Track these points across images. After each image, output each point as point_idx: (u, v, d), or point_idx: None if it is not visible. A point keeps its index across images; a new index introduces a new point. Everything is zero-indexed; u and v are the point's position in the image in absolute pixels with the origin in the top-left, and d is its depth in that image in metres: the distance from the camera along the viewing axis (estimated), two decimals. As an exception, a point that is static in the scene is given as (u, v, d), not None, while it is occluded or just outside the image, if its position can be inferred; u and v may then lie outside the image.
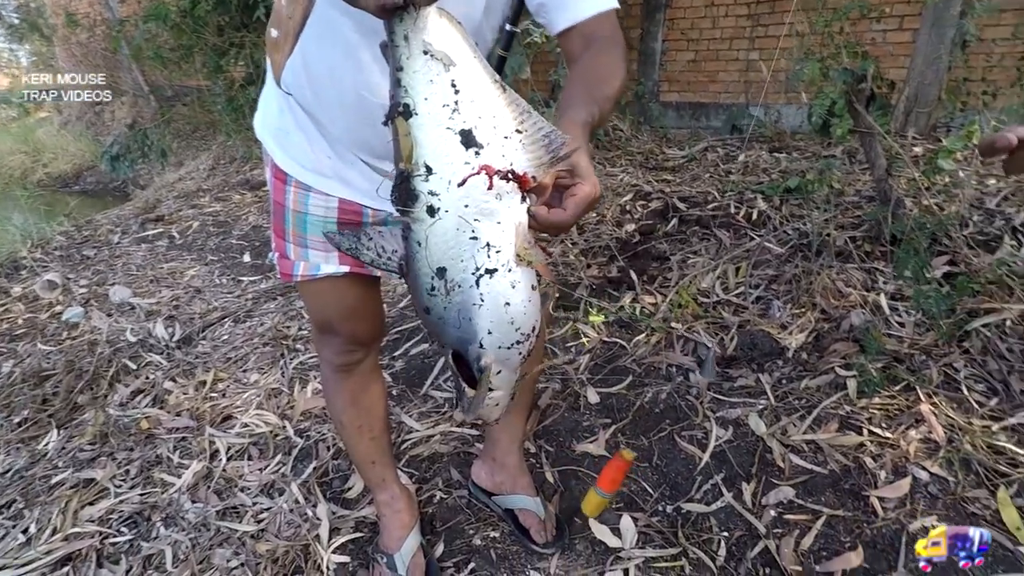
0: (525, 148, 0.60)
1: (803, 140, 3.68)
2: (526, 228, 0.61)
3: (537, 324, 0.67)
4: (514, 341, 0.65)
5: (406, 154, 0.59)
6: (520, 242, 0.61)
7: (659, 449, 1.51)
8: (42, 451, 1.81)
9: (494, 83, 0.60)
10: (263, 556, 1.33)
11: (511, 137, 0.60)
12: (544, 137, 0.60)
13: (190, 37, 5.89)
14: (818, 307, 1.87)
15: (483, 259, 0.61)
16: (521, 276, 0.63)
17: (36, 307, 2.99)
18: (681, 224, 2.52)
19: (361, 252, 0.68)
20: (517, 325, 0.64)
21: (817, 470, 1.37)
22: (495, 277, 0.61)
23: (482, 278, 0.61)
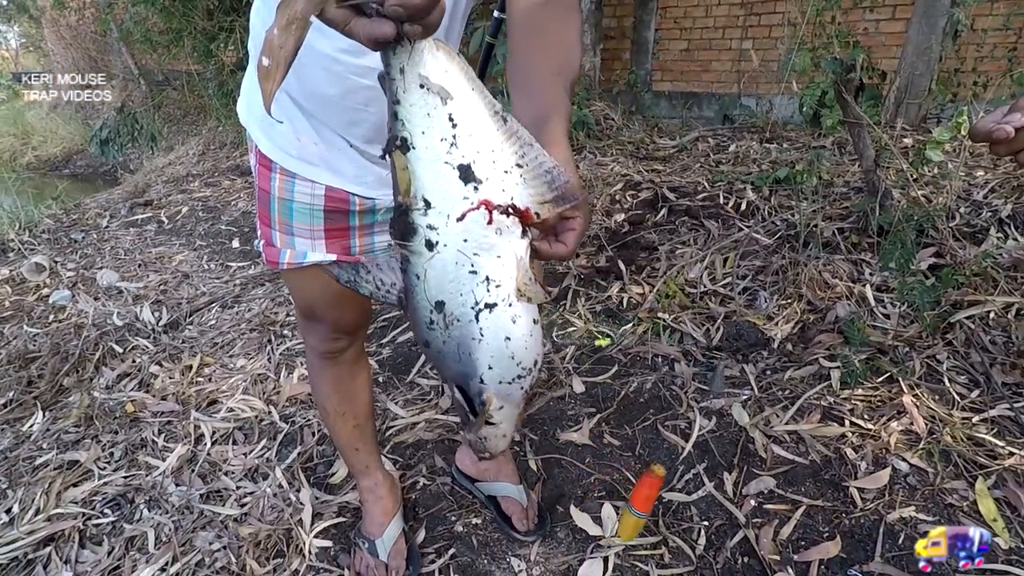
0: (526, 183, 0.59)
1: (794, 131, 3.68)
2: (527, 263, 0.61)
3: (539, 358, 0.66)
4: (515, 376, 0.65)
5: (404, 188, 0.58)
6: (521, 277, 0.60)
7: (642, 439, 1.52)
8: (27, 432, 1.80)
9: (494, 115, 0.59)
10: (246, 539, 1.33)
11: (511, 172, 0.59)
12: (546, 173, 0.59)
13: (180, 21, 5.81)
14: (804, 298, 1.88)
15: (482, 293, 0.60)
16: (522, 311, 0.62)
17: (23, 289, 2.96)
18: (670, 214, 2.51)
19: (360, 285, 0.67)
20: (518, 360, 0.64)
21: (798, 460, 1.38)
22: (495, 312, 0.60)
23: (481, 312, 0.60)
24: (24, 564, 1.37)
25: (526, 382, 0.66)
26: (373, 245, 1.06)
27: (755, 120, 3.91)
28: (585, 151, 3.47)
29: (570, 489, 1.40)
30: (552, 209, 0.60)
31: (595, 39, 4.59)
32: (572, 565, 1.22)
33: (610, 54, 5.12)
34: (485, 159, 0.58)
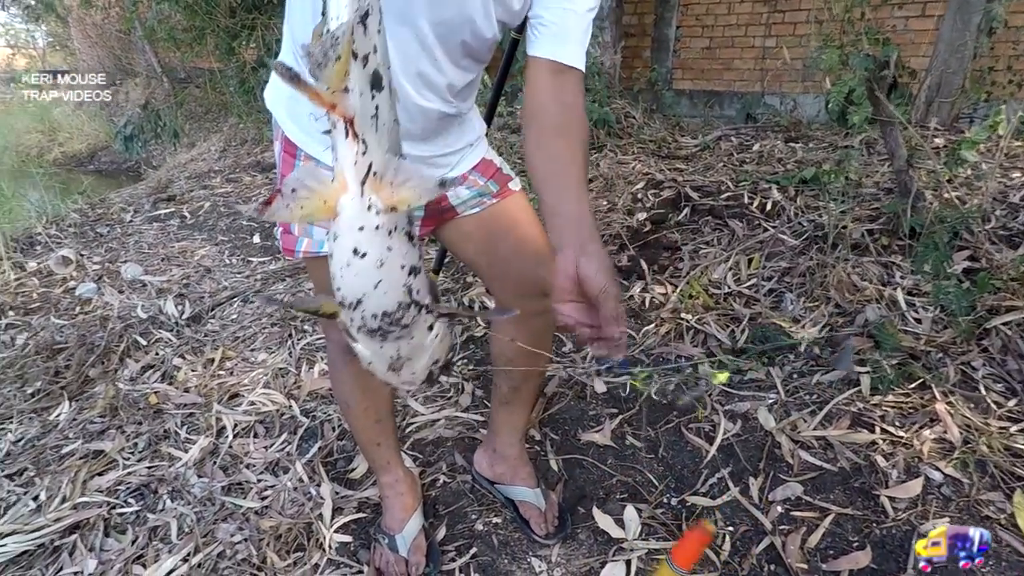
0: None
1: (820, 130, 3.61)
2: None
3: (361, 299, 0.62)
4: (339, 302, 0.64)
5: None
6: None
7: (665, 441, 1.49)
8: (54, 422, 1.83)
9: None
10: (266, 532, 1.34)
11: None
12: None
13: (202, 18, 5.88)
14: (832, 301, 1.84)
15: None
16: (336, 240, 0.61)
17: (50, 282, 3.01)
18: (693, 214, 2.48)
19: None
20: (336, 286, 0.62)
21: (827, 467, 1.35)
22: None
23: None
24: (50, 551, 1.38)
25: (349, 315, 0.63)
26: None
27: (779, 119, 3.85)
28: (606, 149, 3.44)
29: (591, 490, 1.39)
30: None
31: (615, 37, 4.55)
32: (594, 567, 1.20)
33: (630, 52, 5.08)
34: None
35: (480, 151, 1.09)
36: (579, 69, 0.86)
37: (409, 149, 0.96)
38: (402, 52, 0.86)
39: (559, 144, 0.82)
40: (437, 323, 0.68)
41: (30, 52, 15.85)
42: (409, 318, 0.63)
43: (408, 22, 0.84)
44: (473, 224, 1.09)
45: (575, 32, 0.85)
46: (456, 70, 0.91)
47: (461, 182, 1.05)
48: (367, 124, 0.55)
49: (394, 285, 0.60)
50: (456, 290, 2.32)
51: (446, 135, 1.00)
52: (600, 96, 3.57)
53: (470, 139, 1.06)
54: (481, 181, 1.07)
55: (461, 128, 1.03)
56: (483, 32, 0.87)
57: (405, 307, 0.62)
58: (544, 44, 0.85)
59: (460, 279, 2.39)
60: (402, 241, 0.59)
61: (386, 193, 0.57)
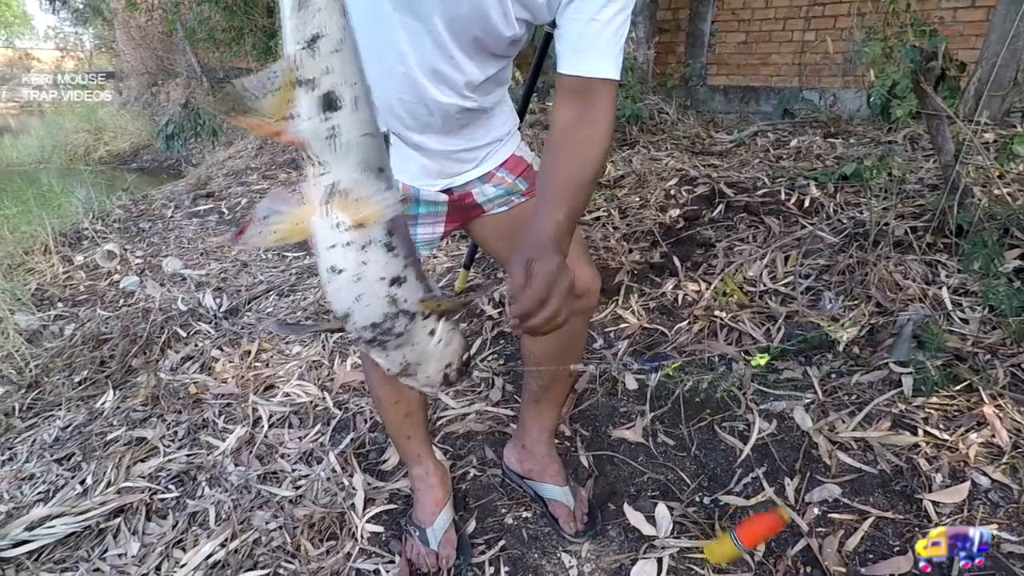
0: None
1: (861, 125, 3.51)
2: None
3: (350, 312, 0.64)
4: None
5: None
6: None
7: (698, 439, 1.47)
8: (99, 409, 1.90)
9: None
10: (301, 520, 1.36)
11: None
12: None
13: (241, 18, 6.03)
14: (873, 300, 1.78)
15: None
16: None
17: (96, 275, 3.13)
18: (728, 210, 2.43)
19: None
20: (330, 300, 0.64)
21: (866, 469, 1.31)
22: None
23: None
24: (96, 533, 1.44)
25: (345, 325, 0.65)
26: (415, 236, 1.07)
27: (818, 114, 3.75)
28: (638, 145, 3.40)
29: (622, 487, 1.37)
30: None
31: (649, 32, 4.49)
32: (624, 564, 1.20)
33: (664, 47, 5.01)
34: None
35: (510, 147, 1.07)
36: (602, 78, 0.83)
37: (432, 143, 0.97)
38: (417, 48, 0.86)
39: (553, 159, 0.84)
40: (440, 327, 0.68)
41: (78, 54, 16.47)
42: (401, 327, 0.64)
43: (421, 18, 0.84)
44: (502, 222, 1.09)
45: (598, 40, 0.82)
46: (473, 66, 0.90)
47: (487, 180, 1.05)
48: (322, 146, 0.56)
49: (375, 297, 0.61)
50: (488, 286, 2.32)
51: (472, 129, 1.00)
52: (633, 92, 3.54)
53: (499, 134, 1.04)
54: (509, 179, 1.06)
55: (489, 123, 1.02)
56: (499, 29, 0.86)
57: (392, 317, 0.63)
58: (563, 58, 0.84)
59: (492, 274, 2.39)
60: (379, 254, 0.60)
61: (352, 210, 0.58)
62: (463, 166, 1.02)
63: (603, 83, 0.84)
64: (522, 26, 0.88)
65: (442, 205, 1.05)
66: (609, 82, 0.84)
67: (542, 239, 0.75)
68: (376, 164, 0.59)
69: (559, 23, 0.85)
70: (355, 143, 0.57)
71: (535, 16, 0.87)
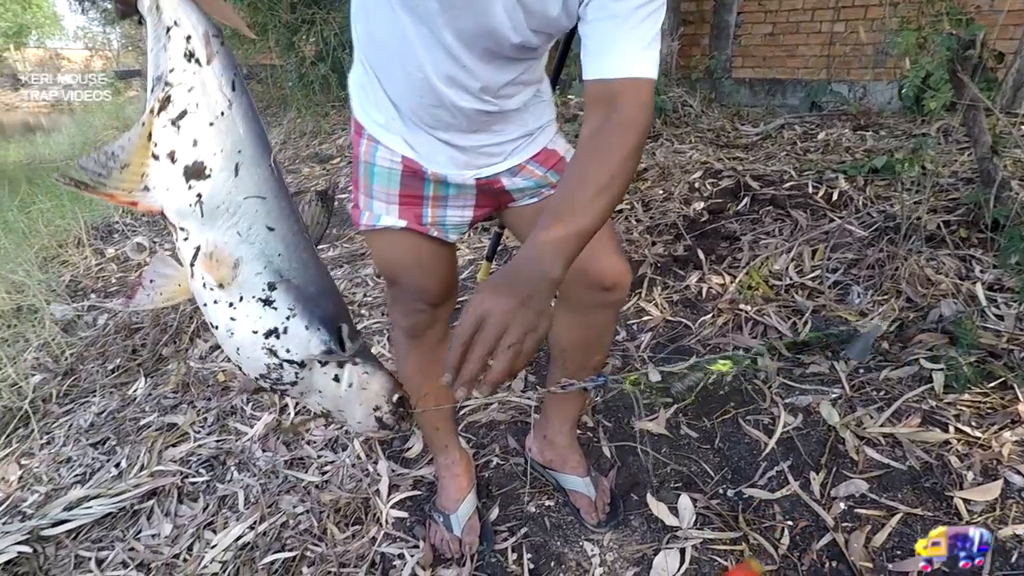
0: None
1: (891, 118, 3.43)
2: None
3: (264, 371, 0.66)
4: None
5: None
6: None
7: (722, 432, 1.46)
8: (132, 396, 1.95)
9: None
10: (327, 505, 1.39)
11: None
12: None
13: (265, 15, 6.10)
14: (903, 295, 1.75)
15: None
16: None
17: (126, 267, 3.22)
18: (753, 203, 2.40)
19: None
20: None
21: (895, 465, 1.29)
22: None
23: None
24: (130, 514, 1.48)
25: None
26: (445, 218, 1.07)
27: (847, 107, 3.68)
28: (662, 138, 3.37)
29: (645, 478, 1.37)
30: None
31: (673, 24, 4.44)
32: (647, 554, 1.20)
33: (688, 40, 4.95)
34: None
35: (542, 140, 1.06)
36: (623, 78, 0.76)
37: (457, 140, 0.98)
38: (432, 57, 0.87)
39: (565, 171, 0.80)
40: (346, 372, 0.66)
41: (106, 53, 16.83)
42: (291, 375, 0.64)
43: (433, 31, 0.84)
44: (532, 212, 1.08)
45: (617, 37, 0.76)
46: (489, 72, 0.89)
47: (517, 172, 1.05)
48: (186, 212, 0.58)
49: (251, 351, 0.62)
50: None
51: (502, 125, 0.99)
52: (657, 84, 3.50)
53: (530, 128, 1.03)
54: (539, 172, 1.06)
55: (519, 118, 1.01)
56: (510, 41, 0.84)
57: (276, 367, 0.63)
58: (585, 66, 0.80)
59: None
60: (252, 309, 0.61)
61: (214, 271, 0.60)
62: (491, 159, 1.02)
63: (626, 83, 0.76)
64: (540, 37, 0.85)
65: (470, 188, 1.05)
66: (633, 81, 0.76)
67: (518, 265, 0.68)
68: (265, 223, 0.61)
69: (580, 30, 0.81)
70: (230, 207, 0.59)
71: (552, 27, 0.84)
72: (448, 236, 1.09)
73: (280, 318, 0.62)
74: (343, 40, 5.77)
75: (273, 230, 0.62)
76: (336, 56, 5.84)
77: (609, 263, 1.03)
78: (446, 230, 1.08)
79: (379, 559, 1.27)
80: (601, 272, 1.03)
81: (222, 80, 0.59)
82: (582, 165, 0.76)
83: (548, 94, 1.07)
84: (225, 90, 0.60)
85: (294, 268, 0.63)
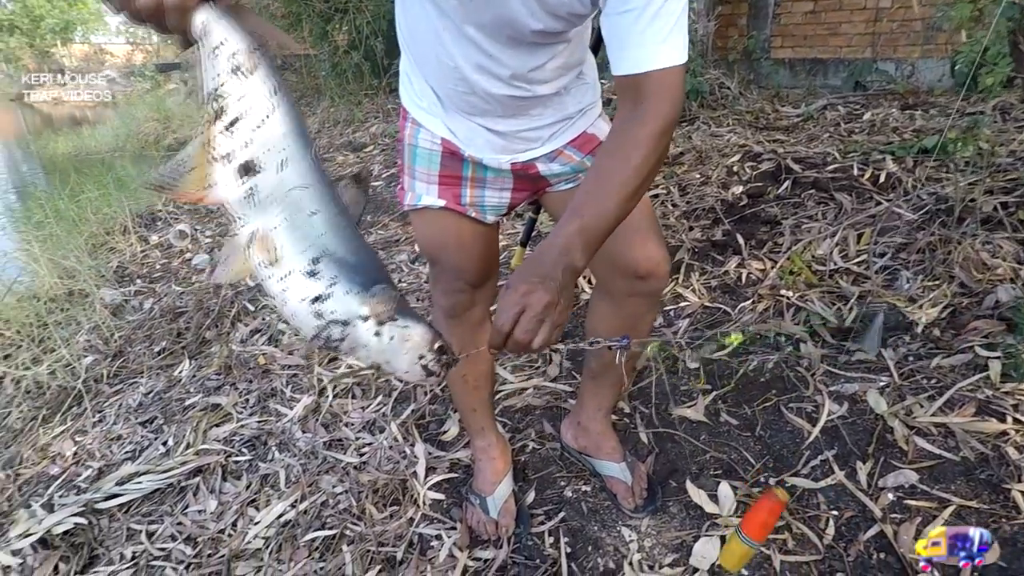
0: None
1: (943, 96, 3.28)
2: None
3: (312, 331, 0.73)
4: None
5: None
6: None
7: (763, 419, 1.43)
8: (177, 377, 2.02)
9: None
10: (365, 485, 1.41)
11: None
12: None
13: (299, 4, 6.15)
14: (956, 280, 1.67)
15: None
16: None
17: (170, 254, 3.31)
18: (795, 187, 2.33)
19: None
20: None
21: (947, 456, 1.24)
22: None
23: None
24: (178, 490, 1.54)
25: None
26: (483, 199, 1.08)
27: (894, 86, 3.53)
28: (698, 121, 3.29)
29: (683, 465, 1.35)
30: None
31: (709, 4, 4.32)
32: (686, 541, 1.18)
33: (725, 19, 4.80)
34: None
35: (582, 124, 1.05)
36: (646, 71, 0.76)
37: (493, 125, 0.99)
38: (460, 47, 0.89)
39: (592, 165, 0.82)
40: (386, 328, 0.73)
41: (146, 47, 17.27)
42: (338, 333, 0.72)
43: (456, 23, 0.86)
44: (569, 197, 1.07)
45: (637, 30, 0.75)
46: (516, 59, 0.89)
47: (554, 157, 1.04)
48: (241, 203, 0.68)
49: (301, 315, 0.71)
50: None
51: (540, 110, 0.99)
52: (693, 66, 3.42)
53: (569, 112, 1.02)
54: (577, 157, 1.05)
55: (559, 102, 1.00)
56: (530, 26, 0.83)
57: (324, 328, 0.72)
58: (611, 60, 0.79)
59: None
60: (299, 282, 0.70)
61: (265, 252, 0.69)
62: (529, 144, 1.02)
63: (649, 77, 0.76)
64: (560, 22, 0.84)
65: (506, 173, 1.05)
66: (655, 73, 0.76)
67: (541, 256, 0.74)
68: (309, 208, 0.70)
69: (601, 23, 0.80)
70: (278, 197, 0.68)
71: (569, 11, 0.82)
72: (486, 217, 1.09)
73: (324, 286, 0.71)
74: (376, 28, 5.79)
75: (316, 213, 0.70)
76: (369, 44, 5.87)
77: (645, 251, 1.01)
78: (484, 211, 1.08)
79: (416, 539, 1.29)
80: (636, 260, 1.01)
81: (266, 87, 0.67)
82: (607, 159, 0.79)
83: (592, 76, 1.05)
84: (269, 96, 0.67)
85: (335, 243, 0.71)
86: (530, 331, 0.70)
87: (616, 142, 0.79)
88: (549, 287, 0.71)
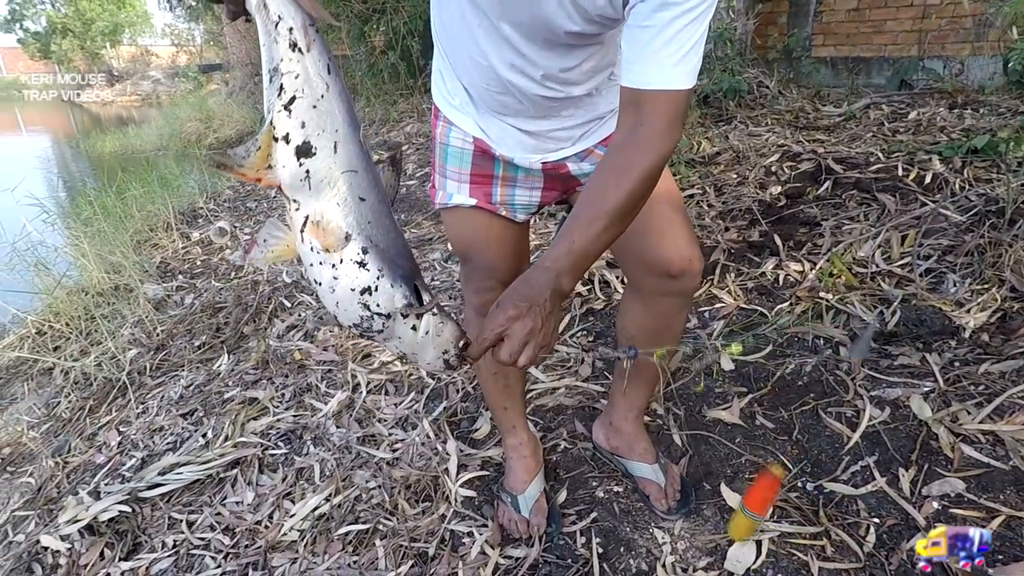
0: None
1: (993, 95, 3.15)
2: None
3: (356, 320, 0.75)
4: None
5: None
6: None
7: (800, 424, 1.40)
8: (216, 371, 2.07)
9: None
10: (398, 481, 1.43)
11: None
12: None
13: (337, 5, 6.26)
14: (1007, 284, 1.61)
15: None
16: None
17: (210, 250, 3.41)
18: (836, 187, 2.27)
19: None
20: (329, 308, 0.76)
21: (996, 464, 1.20)
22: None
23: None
24: (216, 481, 1.58)
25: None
26: (514, 198, 1.09)
27: (941, 84, 3.41)
28: (735, 120, 3.24)
29: (718, 467, 1.34)
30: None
31: (749, 2, 4.24)
32: (720, 544, 1.16)
33: (765, 18, 4.71)
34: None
35: (612, 124, 1.02)
36: (653, 90, 0.76)
37: (524, 125, 0.99)
38: (494, 46, 0.89)
39: (588, 181, 0.82)
40: (423, 322, 0.76)
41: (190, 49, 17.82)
42: (380, 325, 0.74)
43: (492, 22, 0.86)
44: None
45: (650, 48, 0.74)
46: (550, 60, 0.89)
47: (584, 156, 1.04)
48: (297, 186, 0.68)
49: (349, 304, 0.72)
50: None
51: (571, 110, 0.99)
52: (731, 65, 3.36)
53: (601, 111, 1.02)
54: None
55: (590, 103, 1.00)
56: (565, 28, 0.83)
57: (368, 319, 0.73)
58: (623, 69, 0.79)
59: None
60: (350, 270, 0.71)
61: (321, 237, 0.69)
62: (560, 144, 1.03)
63: (655, 95, 0.76)
64: (594, 25, 0.84)
65: (537, 172, 1.05)
66: (662, 93, 0.76)
67: (532, 279, 0.77)
68: (357, 194, 0.70)
69: (622, 34, 0.80)
70: (331, 181, 0.69)
71: (602, 14, 0.82)
72: (516, 216, 1.10)
73: (372, 278, 0.72)
74: (412, 28, 5.85)
75: (364, 200, 0.70)
76: (405, 44, 5.93)
77: (676, 249, 1.00)
78: (514, 210, 1.09)
79: (448, 536, 1.30)
80: (668, 258, 1.00)
81: (320, 65, 0.67)
82: (601, 179, 0.79)
83: None
84: (323, 74, 0.67)
85: (379, 233, 0.71)
86: (513, 353, 0.75)
87: (612, 162, 0.79)
88: (534, 313, 0.74)
